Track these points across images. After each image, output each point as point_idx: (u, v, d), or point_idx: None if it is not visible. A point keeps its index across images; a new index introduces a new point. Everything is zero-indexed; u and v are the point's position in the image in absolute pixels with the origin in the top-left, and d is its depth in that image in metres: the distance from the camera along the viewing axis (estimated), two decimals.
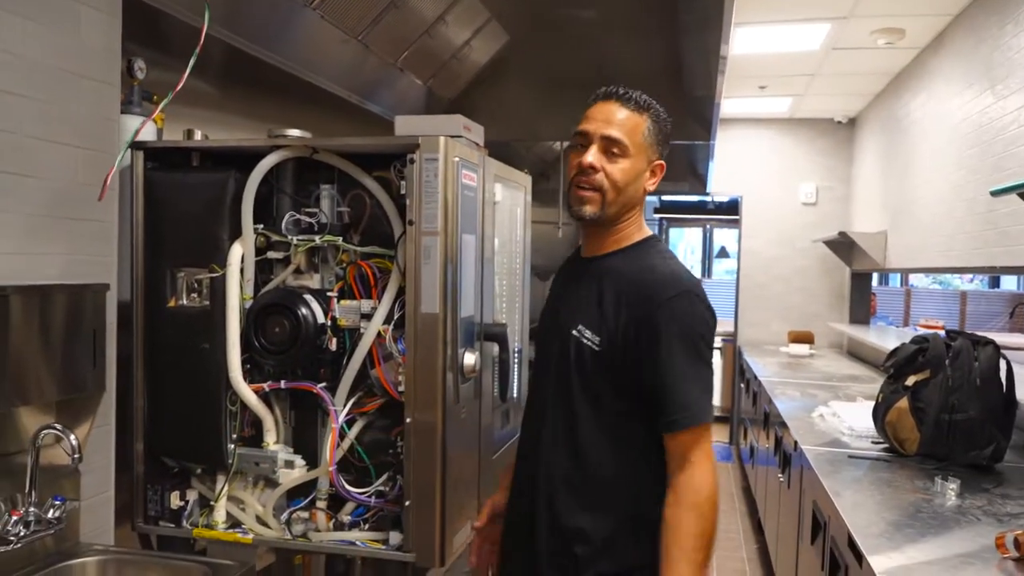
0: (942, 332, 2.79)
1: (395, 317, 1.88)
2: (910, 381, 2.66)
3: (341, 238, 1.94)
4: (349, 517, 1.95)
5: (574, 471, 1.53)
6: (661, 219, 10.53)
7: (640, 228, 1.60)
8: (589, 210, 1.51)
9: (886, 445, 2.74)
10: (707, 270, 12.00)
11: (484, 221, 2.07)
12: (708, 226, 11.87)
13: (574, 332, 1.52)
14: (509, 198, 2.38)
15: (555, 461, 1.55)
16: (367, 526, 1.94)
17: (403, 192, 1.85)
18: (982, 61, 3.68)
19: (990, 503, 2.16)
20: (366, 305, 1.91)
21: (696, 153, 5.09)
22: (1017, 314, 6.72)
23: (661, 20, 3.16)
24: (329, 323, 1.93)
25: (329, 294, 1.95)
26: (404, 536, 1.86)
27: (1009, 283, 10.96)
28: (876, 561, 1.73)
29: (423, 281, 1.80)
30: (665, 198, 10.01)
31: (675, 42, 3.20)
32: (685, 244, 13.04)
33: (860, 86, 5.60)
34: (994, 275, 10.21)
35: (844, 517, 2.02)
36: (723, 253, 10.58)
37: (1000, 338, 4.99)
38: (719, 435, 7.48)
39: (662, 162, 1.57)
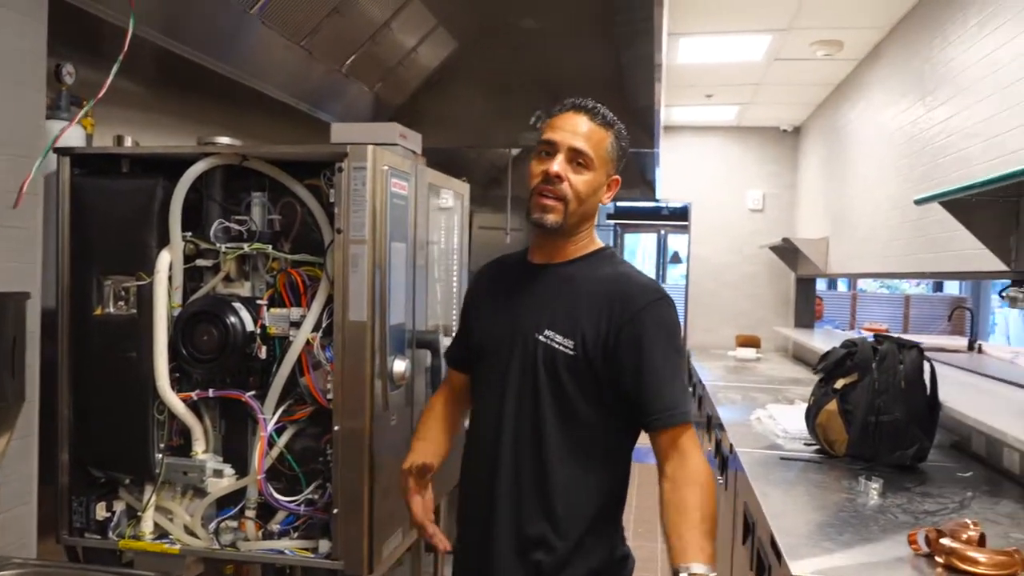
0: (871, 336, 2.88)
1: (324, 325, 1.88)
2: (839, 384, 2.73)
3: (271, 246, 1.94)
4: (279, 526, 1.94)
5: (540, 477, 1.54)
6: (615, 225, 10.63)
7: (594, 238, 1.65)
8: (551, 218, 1.53)
9: (817, 447, 2.81)
10: (661, 276, 12.15)
11: (417, 228, 2.09)
12: (662, 232, 12.03)
13: (540, 338, 1.54)
14: (444, 205, 2.39)
15: (519, 468, 1.56)
16: (297, 534, 1.94)
17: (332, 200, 1.86)
18: (914, 73, 3.80)
19: (910, 502, 2.24)
20: (296, 313, 1.91)
21: (643, 160, 5.17)
22: (955, 317, 6.93)
23: (601, 30, 3.21)
24: (259, 331, 1.93)
25: (259, 302, 1.94)
26: (333, 544, 1.86)
27: (952, 287, 11.28)
28: (794, 561, 1.77)
29: (351, 289, 1.81)
30: (620, 204, 10.12)
31: (615, 51, 3.25)
32: (641, 250, 13.20)
33: (803, 96, 5.74)
34: (937, 280, 10.50)
35: (768, 517, 2.07)
36: (676, 259, 10.73)
37: (939, 340, 5.15)
38: None
39: (618, 177, 1.62)
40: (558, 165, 1.52)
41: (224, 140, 1.94)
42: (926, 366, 2.68)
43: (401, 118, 4.39)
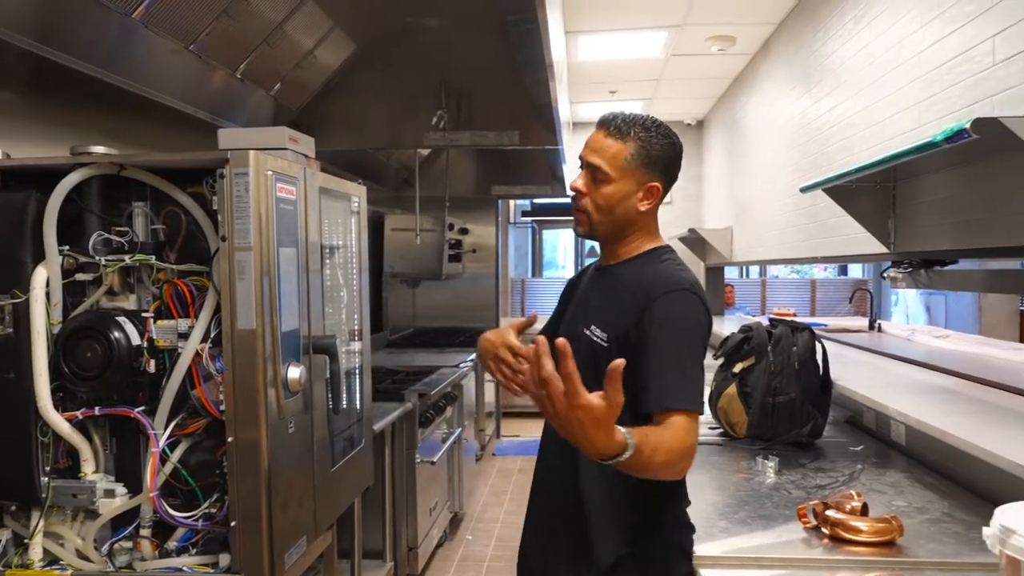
0: (765, 320, 2.98)
1: (213, 335, 1.84)
2: (737, 368, 2.83)
3: (154, 256, 1.89)
4: (176, 543, 1.89)
5: (575, 463, 1.62)
6: (532, 223, 10.72)
7: (652, 239, 1.69)
8: (579, 229, 1.68)
9: (721, 430, 2.90)
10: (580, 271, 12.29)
11: (308, 233, 2.06)
12: None
13: (585, 331, 1.63)
14: (342, 209, 2.37)
15: (566, 453, 1.62)
16: (196, 550, 1.89)
17: (216, 208, 1.82)
18: (800, 66, 3.95)
19: (804, 477, 2.33)
20: (183, 324, 1.87)
21: (550, 157, 5.22)
22: (856, 298, 7.23)
23: (497, 30, 3.23)
24: (146, 344, 1.88)
25: (145, 315, 1.89)
26: (232, 558, 1.82)
27: (856, 270, 11.79)
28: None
29: (238, 297, 1.78)
30: (536, 202, 10.20)
31: (511, 51, 3.28)
32: (562, 246, 13.34)
33: (703, 90, 5.90)
34: (840, 264, 10.94)
35: None
36: (593, 253, 10.87)
37: (843, 322, 5.37)
38: None
39: (656, 184, 1.62)
40: (578, 180, 1.64)
41: (99, 149, 1.87)
42: (818, 347, 2.79)
43: (303, 122, 4.32)
